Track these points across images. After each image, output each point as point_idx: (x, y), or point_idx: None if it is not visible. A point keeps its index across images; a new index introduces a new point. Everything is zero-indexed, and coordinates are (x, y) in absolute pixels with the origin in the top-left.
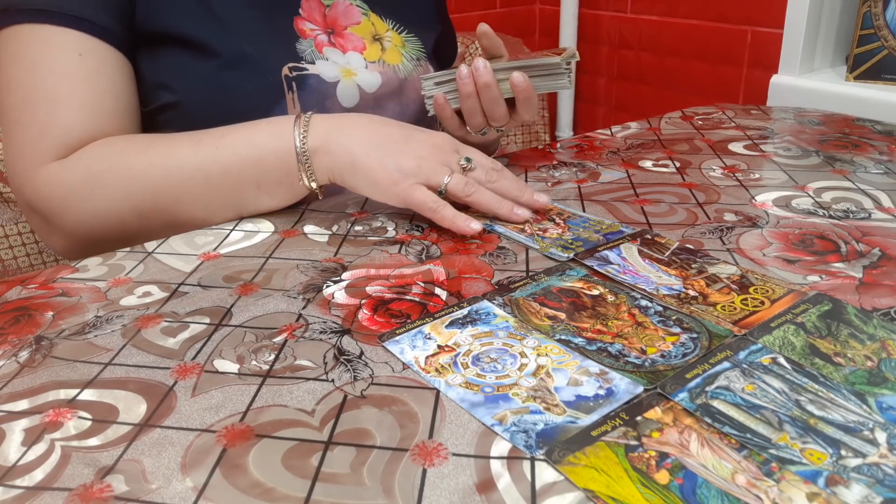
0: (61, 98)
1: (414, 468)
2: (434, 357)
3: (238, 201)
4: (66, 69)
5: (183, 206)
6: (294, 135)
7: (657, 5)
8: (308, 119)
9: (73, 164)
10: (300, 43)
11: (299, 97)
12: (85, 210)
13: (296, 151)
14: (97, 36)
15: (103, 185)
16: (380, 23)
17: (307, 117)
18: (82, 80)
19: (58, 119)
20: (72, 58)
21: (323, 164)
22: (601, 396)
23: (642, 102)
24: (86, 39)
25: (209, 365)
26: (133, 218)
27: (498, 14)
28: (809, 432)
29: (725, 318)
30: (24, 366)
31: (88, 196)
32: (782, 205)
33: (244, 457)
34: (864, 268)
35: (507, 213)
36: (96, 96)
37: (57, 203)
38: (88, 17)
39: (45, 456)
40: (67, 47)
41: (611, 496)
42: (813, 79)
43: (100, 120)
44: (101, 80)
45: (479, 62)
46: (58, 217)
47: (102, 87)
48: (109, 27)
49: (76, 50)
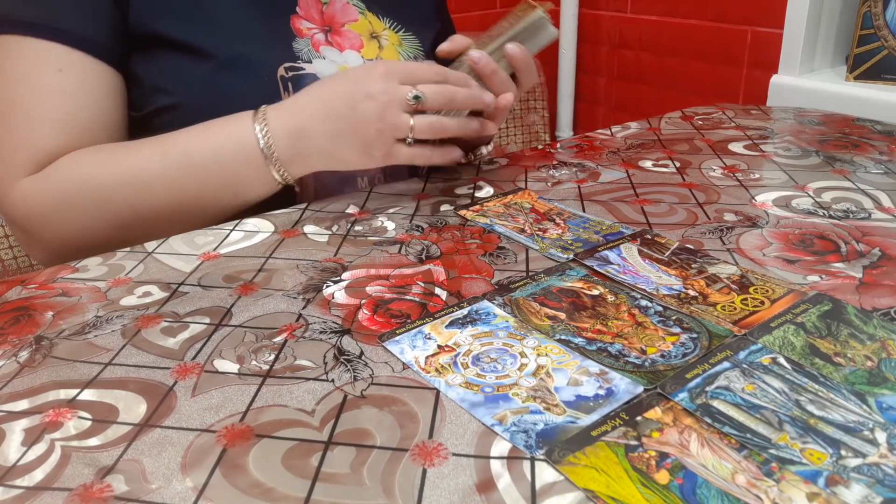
0: (38, 114)
1: (414, 468)
2: (434, 357)
3: (217, 209)
4: (46, 84)
5: (161, 218)
6: (257, 139)
7: (657, 5)
8: (263, 121)
9: (46, 182)
10: (297, 42)
11: None
12: (62, 227)
13: (264, 156)
14: (80, 48)
15: (77, 204)
16: (376, 22)
17: (261, 119)
18: (61, 95)
19: (33, 135)
20: (52, 73)
21: (299, 169)
22: (601, 396)
23: (642, 102)
24: (68, 53)
25: (209, 365)
26: (112, 231)
27: (498, 14)
28: (809, 432)
29: (725, 318)
30: (24, 366)
31: (64, 215)
32: (782, 205)
33: (244, 457)
34: (864, 268)
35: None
36: (74, 113)
37: (34, 220)
38: (71, 29)
39: (45, 456)
40: (49, 62)
41: (611, 496)
42: (813, 79)
43: (76, 136)
44: (81, 96)
45: (475, 54)
46: (36, 233)
47: (81, 103)
48: (94, 38)
49: (57, 65)
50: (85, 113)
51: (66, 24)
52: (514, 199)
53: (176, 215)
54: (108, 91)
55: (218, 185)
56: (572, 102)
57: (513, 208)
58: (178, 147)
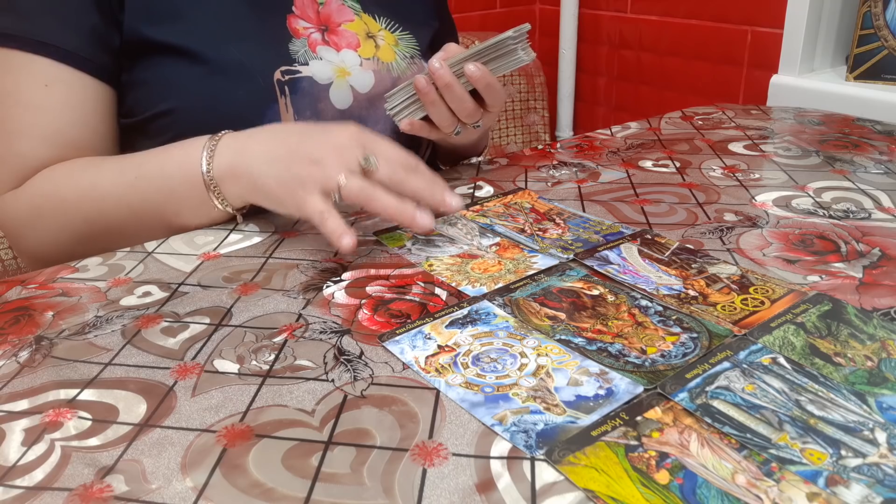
0: (23, 129)
1: (414, 468)
2: (434, 357)
3: (165, 227)
4: (31, 99)
5: (114, 233)
6: (202, 162)
7: (657, 5)
8: (216, 144)
9: (22, 195)
10: (293, 43)
11: (292, 101)
12: (34, 239)
13: (203, 180)
14: (66, 62)
15: (44, 217)
16: (372, 23)
17: (214, 142)
18: (47, 111)
19: (18, 150)
20: (37, 88)
21: (231, 190)
22: (601, 396)
23: (642, 102)
24: (54, 67)
25: (209, 365)
26: (75, 244)
27: (498, 14)
28: (809, 432)
29: (725, 318)
30: (24, 366)
31: (33, 227)
32: (782, 205)
33: (244, 457)
34: (864, 268)
35: (407, 222)
36: (60, 128)
37: (11, 232)
38: (57, 43)
39: (45, 456)
40: (35, 76)
41: (611, 496)
42: (813, 79)
43: (62, 151)
44: (66, 111)
45: (435, 62)
46: (14, 244)
47: (67, 118)
48: (79, 52)
49: (43, 80)
50: (71, 128)
51: (51, 37)
52: (514, 199)
53: (126, 230)
54: (95, 105)
55: (160, 203)
56: (572, 102)
57: (513, 208)
58: (134, 163)
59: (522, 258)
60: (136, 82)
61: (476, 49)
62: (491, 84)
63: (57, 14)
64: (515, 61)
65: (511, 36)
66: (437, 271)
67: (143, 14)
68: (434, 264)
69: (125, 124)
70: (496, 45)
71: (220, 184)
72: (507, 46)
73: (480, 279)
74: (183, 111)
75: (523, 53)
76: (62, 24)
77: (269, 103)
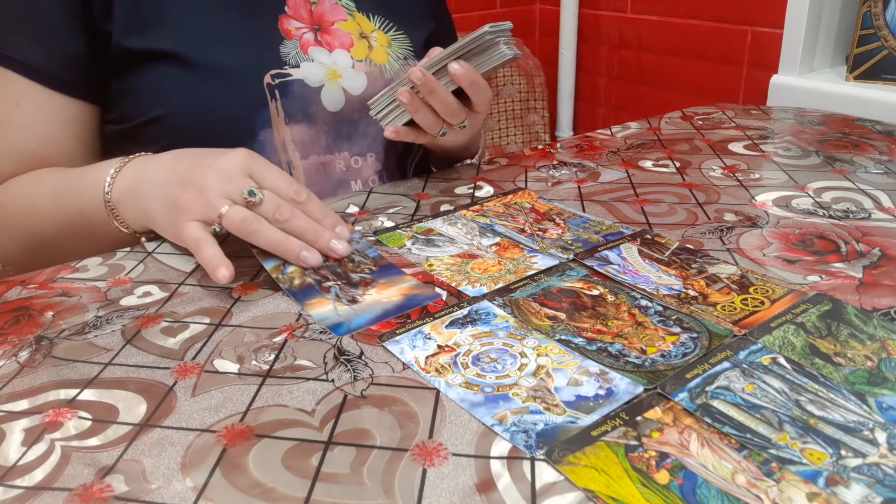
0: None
1: (414, 468)
2: (434, 357)
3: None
4: (2, 118)
5: (52, 247)
6: (105, 183)
7: (657, 5)
8: (123, 166)
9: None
10: (284, 45)
11: (282, 104)
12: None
13: (104, 201)
14: (38, 81)
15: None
16: (366, 23)
17: (123, 164)
18: (16, 129)
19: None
20: (9, 106)
21: (128, 213)
22: (601, 396)
23: (642, 102)
24: (26, 84)
25: (209, 365)
26: (26, 255)
27: (498, 14)
28: (809, 432)
29: (725, 318)
30: (24, 366)
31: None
32: (782, 205)
33: (244, 457)
34: (864, 268)
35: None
36: (29, 147)
37: None
38: (29, 61)
39: (45, 456)
40: (7, 93)
41: (611, 496)
42: (813, 79)
43: (27, 168)
44: (35, 128)
45: (416, 72)
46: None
47: (34, 135)
48: (52, 70)
49: (14, 98)
50: (39, 145)
51: (23, 54)
52: (514, 198)
53: (61, 245)
54: (65, 123)
55: (78, 222)
56: (572, 102)
57: (513, 208)
58: (62, 180)
59: (522, 258)
60: (127, 89)
61: (456, 46)
62: (475, 81)
63: (30, 31)
64: (498, 56)
65: (488, 31)
66: (436, 271)
67: (131, 21)
68: (434, 264)
69: (118, 130)
70: (475, 41)
71: (117, 206)
72: (488, 41)
73: (480, 279)
74: (174, 117)
75: (506, 48)
76: (34, 41)
77: (259, 107)
